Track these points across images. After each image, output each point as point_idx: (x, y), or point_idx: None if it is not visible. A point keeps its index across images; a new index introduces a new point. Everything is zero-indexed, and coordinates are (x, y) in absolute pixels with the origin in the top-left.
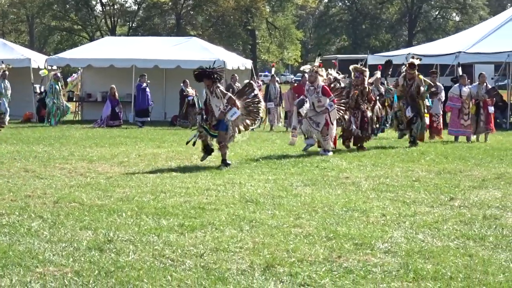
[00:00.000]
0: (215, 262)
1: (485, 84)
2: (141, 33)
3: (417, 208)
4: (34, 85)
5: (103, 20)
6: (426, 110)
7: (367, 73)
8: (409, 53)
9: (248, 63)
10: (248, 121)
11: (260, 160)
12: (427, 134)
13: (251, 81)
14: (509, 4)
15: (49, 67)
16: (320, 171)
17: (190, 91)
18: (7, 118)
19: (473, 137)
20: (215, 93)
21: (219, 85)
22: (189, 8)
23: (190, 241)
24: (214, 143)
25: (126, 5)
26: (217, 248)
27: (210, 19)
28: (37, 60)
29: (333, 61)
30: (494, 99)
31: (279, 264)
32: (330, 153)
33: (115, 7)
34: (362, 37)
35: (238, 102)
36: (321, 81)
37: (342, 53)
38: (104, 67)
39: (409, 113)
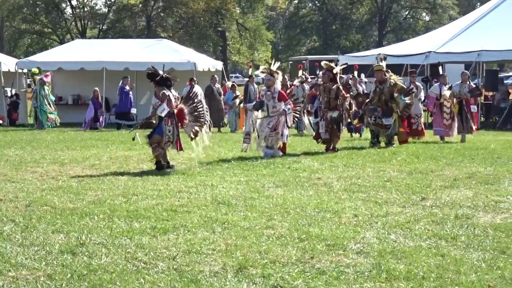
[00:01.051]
0: (188, 264)
1: (468, 82)
2: (112, 35)
3: (389, 208)
4: (5, 88)
5: (73, 23)
6: (400, 109)
7: (337, 70)
8: (379, 54)
9: (218, 65)
10: (196, 128)
11: (232, 161)
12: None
13: (193, 84)
14: (478, 4)
15: (20, 70)
16: (292, 172)
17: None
18: None
19: (459, 136)
20: (155, 93)
21: (164, 90)
22: (159, 10)
23: (163, 243)
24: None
25: (96, 7)
26: (190, 250)
27: (180, 21)
28: (7, 63)
29: (300, 65)
30: (478, 98)
31: (251, 265)
32: (280, 153)
33: (85, 9)
34: (332, 37)
35: (184, 108)
36: (278, 86)
37: (312, 54)
38: (74, 70)
39: (387, 121)
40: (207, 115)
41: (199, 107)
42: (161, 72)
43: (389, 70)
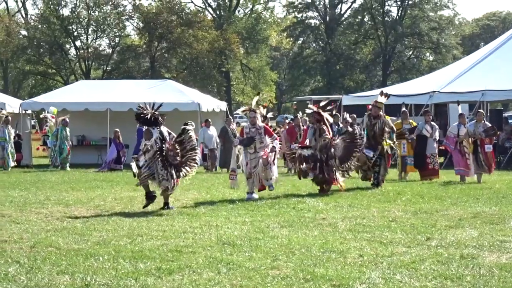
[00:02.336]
0: None
1: (482, 122)
2: (116, 76)
3: (394, 248)
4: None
5: (77, 63)
6: (389, 151)
7: (326, 111)
8: (389, 94)
9: (223, 105)
10: (187, 168)
11: (237, 202)
12: (415, 173)
13: (186, 127)
14: (482, 43)
15: (23, 111)
16: (297, 212)
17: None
18: (11, 163)
19: (474, 177)
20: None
21: (151, 128)
22: (163, 51)
23: (168, 284)
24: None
25: (100, 48)
26: None
27: (184, 62)
28: (12, 104)
29: (293, 105)
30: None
31: None
32: (274, 181)
33: (89, 50)
34: (336, 77)
35: (178, 149)
36: (260, 122)
37: (316, 94)
38: (79, 111)
39: (368, 153)
40: (197, 156)
41: (190, 149)
42: (149, 111)
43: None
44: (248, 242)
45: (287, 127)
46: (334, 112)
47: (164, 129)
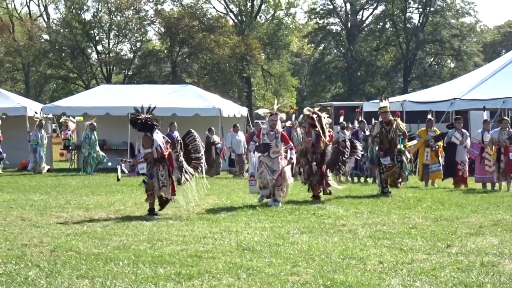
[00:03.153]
0: None
1: (507, 129)
2: (137, 81)
3: (414, 255)
4: (30, 134)
5: (98, 68)
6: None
7: (320, 117)
8: (404, 100)
9: (243, 111)
10: (187, 176)
11: (257, 207)
12: (448, 180)
13: (191, 129)
14: (503, 51)
15: (44, 115)
16: (317, 218)
17: (216, 138)
18: (44, 165)
19: (503, 185)
20: (143, 141)
21: (149, 134)
22: (184, 56)
23: None
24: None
25: (122, 53)
26: None
27: (205, 67)
28: (33, 108)
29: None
30: None
31: None
32: (280, 204)
33: (111, 55)
34: (357, 84)
35: (180, 153)
36: (280, 127)
37: (337, 100)
38: (100, 115)
39: (386, 161)
40: (201, 163)
41: (194, 152)
42: (141, 116)
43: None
44: (268, 248)
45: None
46: (360, 119)
47: (159, 134)
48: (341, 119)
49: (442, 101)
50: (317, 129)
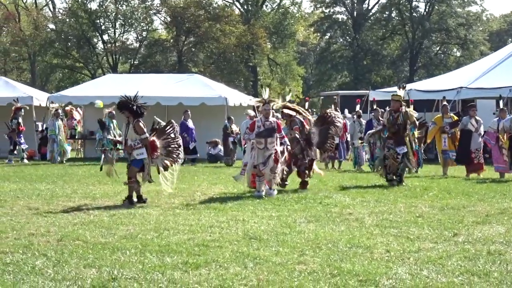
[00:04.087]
0: None
1: None
2: (143, 70)
3: (421, 244)
4: (36, 123)
5: (104, 57)
6: (416, 143)
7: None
8: (410, 89)
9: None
10: (167, 162)
11: (264, 196)
12: (457, 168)
13: (172, 120)
14: (510, 39)
15: (51, 104)
16: (324, 207)
17: (234, 128)
18: (68, 155)
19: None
20: (134, 127)
21: (140, 120)
22: (190, 45)
23: (195, 278)
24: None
25: (128, 42)
26: (222, 285)
27: (211, 56)
28: (39, 98)
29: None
30: None
31: None
32: (275, 192)
33: (117, 44)
34: (363, 73)
35: (157, 142)
36: (274, 116)
37: (343, 89)
38: (106, 105)
39: (400, 150)
40: (180, 152)
41: (172, 142)
42: (134, 102)
43: (405, 103)
44: (275, 237)
45: None
46: (374, 107)
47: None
48: (357, 107)
49: (448, 89)
50: (296, 116)
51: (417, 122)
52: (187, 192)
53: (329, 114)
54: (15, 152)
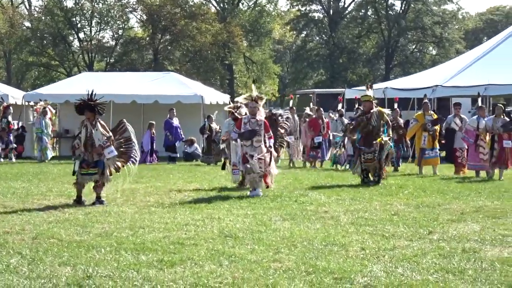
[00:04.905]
0: None
1: (501, 117)
2: (119, 68)
3: (396, 242)
4: (12, 121)
5: (80, 55)
6: (389, 142)
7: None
8: (386, 87)
9: (226, 98)
10: (119, 163)
11: (239, 194)
12: (449, 168)
13: (123, 119)
14: (485, 38)
15: (26, 103)
16: (299, 205)
17: (215, 126)
18: (50, 154)
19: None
20: (97, 126)
21: (99, 119)
22: (166, 44)
23: (170, 276)
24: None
25: (104, 40)
26: (197, 283)
27: (187, 54)
28: (15, 96)
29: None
30: None
31: None
32: (260, 193)
33: (93, 42)
34: (339, 71)
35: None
36: (262, 114)
37: (319, 87)
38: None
39: (368, 154)
40: (134, 152)
41: (125, 143)
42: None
43: (377, 102)
44: (250, 235)
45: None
46: (395, 107)
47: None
48: (339, 106)
49: (424, 88)
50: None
51: (390, 122)
52: (162, 190)
53: (275, 115)
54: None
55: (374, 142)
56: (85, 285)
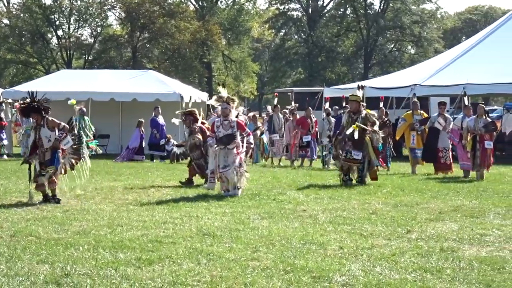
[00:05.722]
0: None
1: (483, 117)
2: (97, 66)
3: (374, 240)
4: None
5: (59, 53)
6: (376, 144)
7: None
8: (364, 86)
9: (204, 96)
10: (73, 160)
11: (217, 193)
12: (426, 166)
13: (72, 116)
14: (464, 37)
15: (5, 100)
16: (277, 204)
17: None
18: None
19: (472, 173)
20: (46, 125)
21: (47, 116)
22: (145, 41)
23: (148, 274)
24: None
25: (82, 38)
26: (175, 281)
27: (166, 52)
28: None
29: (276, 93)
30: (494, 133)
31: None
32: (240, 191)
33: (71, 40)
34: (318, 70)
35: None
36: (234, 116)
37: (298, 85)
38: (60, 100)
39: (357, 156)
40: (85, 151)
41: (77, 140)
42: (34, 101)
43: (365, 103)
44: (229, 233)
45: (290, 118)
46: (381, 105)
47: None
48: (327, 105)
49: (402, 87)
50: (197, 124)
51: (377, 122)
52: (140, 188)
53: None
54: None
55: (361, 147)
56: (63, 283)
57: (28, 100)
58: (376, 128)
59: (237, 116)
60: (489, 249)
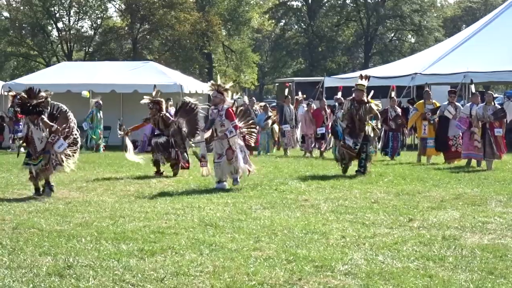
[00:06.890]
0: (176, 286)
1: (492, 104)
2: (98, 58)
3: (376, 229)
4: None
5: (59, 45)
6: (372, 134)
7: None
8: (369, 76)
9: (205, 87)
10: (69, 151)
11: (226, 187)
12: (439, 156)
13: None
14: (464, 26)
15: (6, 93)
16: (279, 194)
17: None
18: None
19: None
20: (38, 126)
21: (43, 116)
22: (145, 33)
23: (150, 265)
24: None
25: (82, 30)
26: (178, 272)
27: (166, 43)
28: None
29: (287, 84)
30: (505, 120)
31: (239, 287)
32: (238, 182)
33: (71, 32)
34: (318, 59)
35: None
36: (226, 104)
37: (298, 75)
38: (61, 93)
39: (348, 141)
40: (79, 141)
41: (72, 130)
42: (30, 100)
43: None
44: (231, 224)
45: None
46: (392, 95)
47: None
48: (339, 94)
49: (403, 76)
50: (162, 113)
51: (379, 114)
52: (142, 180)
53: (189, 103)
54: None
55: (361, 133)
56: (66, 274)
57: (24, 95)
58: (378, 123)
59: (234, 108)
60: (491, 236)
